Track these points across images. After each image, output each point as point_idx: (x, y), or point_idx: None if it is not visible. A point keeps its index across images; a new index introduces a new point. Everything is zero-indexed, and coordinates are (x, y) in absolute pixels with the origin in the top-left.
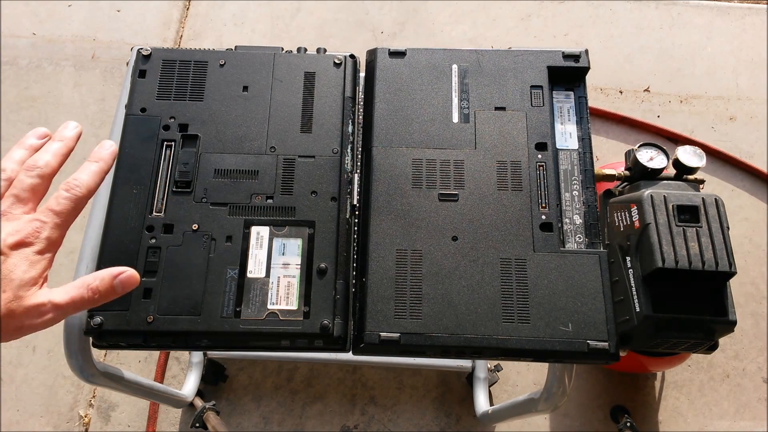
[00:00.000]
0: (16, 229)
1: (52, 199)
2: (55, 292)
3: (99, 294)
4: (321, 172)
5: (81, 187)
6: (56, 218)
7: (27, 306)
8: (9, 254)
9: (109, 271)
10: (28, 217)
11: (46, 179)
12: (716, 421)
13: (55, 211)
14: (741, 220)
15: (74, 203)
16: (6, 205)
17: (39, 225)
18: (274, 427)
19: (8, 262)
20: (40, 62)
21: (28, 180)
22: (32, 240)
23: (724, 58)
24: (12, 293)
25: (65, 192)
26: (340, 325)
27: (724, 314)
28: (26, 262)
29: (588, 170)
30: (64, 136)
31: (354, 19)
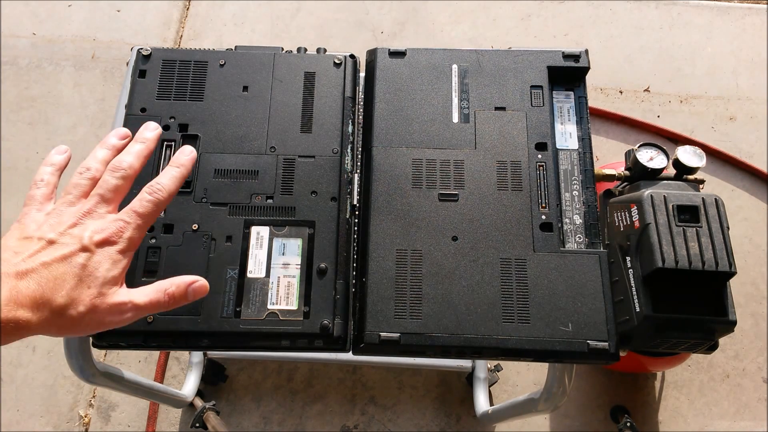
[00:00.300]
0: (102, 227)
1: (136, 200)
2: (135, 293)
3: (173, 300)
4: (321, 172)
5: (163, 191)
6: (139, 219)
7: (110, 303)
8: (95, 251)
9: (184, 278)
10: (112, 217)
11: (129, 180)
12: (716, 421)
13: (138, 212)
14: (741, 220)
15: (156, 206)
16: (91, 204)
17: (123, 225)
18: (274, 427)
19: (93, 259)
20: (40, 62)
21: (113, 181)
22: (116, 239)
23: (724, 58)
24: (96, 290)
25: (148, 195)
26: (340, 325)
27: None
28: (110, 260)
29: (588, 170)
30: (145, 137)
31: (354, 19)
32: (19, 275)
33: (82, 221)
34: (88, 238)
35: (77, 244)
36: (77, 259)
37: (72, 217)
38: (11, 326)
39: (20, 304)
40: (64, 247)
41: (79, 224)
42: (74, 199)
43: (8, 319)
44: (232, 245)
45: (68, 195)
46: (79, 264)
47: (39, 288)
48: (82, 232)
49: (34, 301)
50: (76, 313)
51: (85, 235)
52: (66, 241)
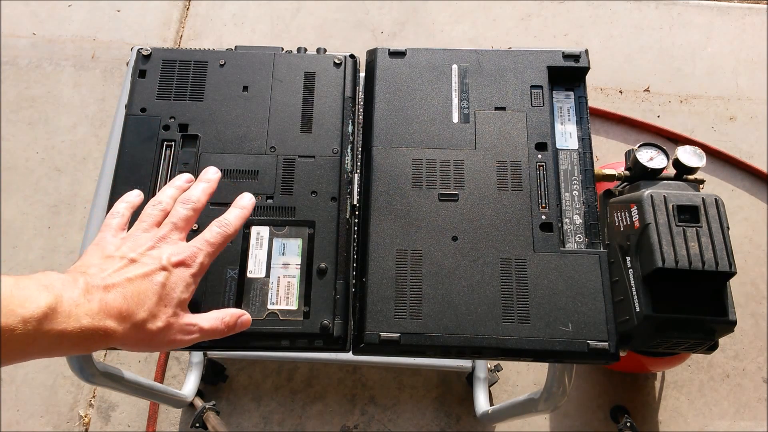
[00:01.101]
0: (178, 251)
1: (207, 231)
2: (200, 317)
3: (227, 328)
4: (321, 172)
5: (230, 227)
6: (209, 247)
7: (181, 324)
8: (172, 271)
9: (235, 311)
10: (185, 243)
11: (197, 213)
12: (716, 421)
13: (209, 241)
14: (741, 220)
15: (223, 238)
16: (165, 230)
17: (196, 250)
18: (274, 427)
19: (171, 279)
20: (40, 62)
21: (184, 211)
22: (190, 262)
23: (724, 58)
24: (172, 309)
25: (217, 228)
26: (340, 325)
27: (724, 314)
28: (183, 282)
29: (588, 170)
30: (209, 178)
31: (354, 19)
32: (106, 288)
33: (158, 245)
34: (166, 259)
35: (157, 263)
36: (157, 278)
37: (149, 241)
38: (100, 334)
39: (108, 314)
40: (145, 266)
41: (156, 247)
42: (148, 227)
43: (98, 328)
44: (232, 245)
45: (142, 223)
46: (159, 282)
47: (125, 301)
48: (161, 254)
49: (119, 313)
50: (155, 327)
51: (163, 257)
52: (146, 261)
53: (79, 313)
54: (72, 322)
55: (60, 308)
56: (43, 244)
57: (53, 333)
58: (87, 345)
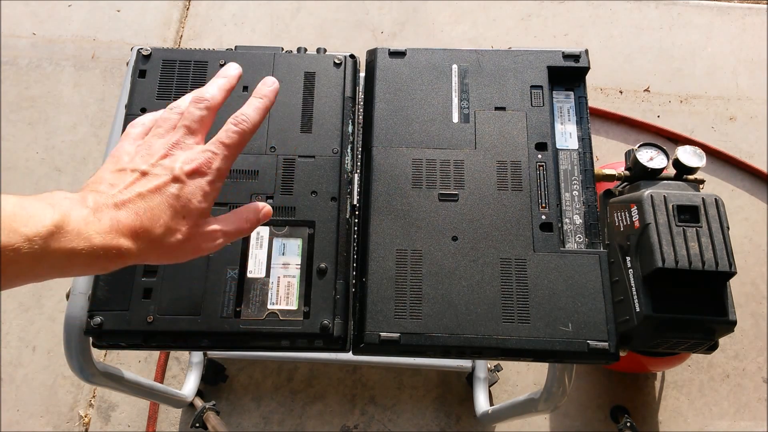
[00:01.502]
0: (191, 158)
1: (222, 132)
2: (221, 221)
3: (252, 225)
4: (321, 172)
5: (248, 122)
6: (225, 150)
7: (203, 231)
8: (186, 181)
9: (254, 205)
10: (200, 148)
11: (213, 111)
12: (716, 421)
13: (224, 143)
14: (741, 220)
15: (241, 137)
16: (179, 135)
17: (211, 155)
18: (274, 427)
19: (185, 190)
20: (40, 62)
21: (197, 112)
22: (205, 169)
23: (724, 58)
24: (192, 220)
25: (234, 126)
26: (340, 325)
27: (724, 314)
28: (201, 192)
29: (588, 170)
30: (227, 74)
31: (354, 19)
32: (117, 206)
33: (171, 152)
34: (179, 168)
35: (169, 174)
36: (170, 190)
37: (162, 149)
38: (114, 253)
39: (121, 233)
40: (157, 178)
41: (169, 155)
42: (164, 132)
43: (111, 247)
44: (232, 245)
45: (158, 128)
46: (172, 194)
47: (137, 218)
48: (173, 163)
49: (133, 231)
50: (175, 240)
51: (176, 166)
52: (158, 172)
53: (90, 232)
54: (81, 241)
55: (68, 226)
56: None
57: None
58: (102, 264)
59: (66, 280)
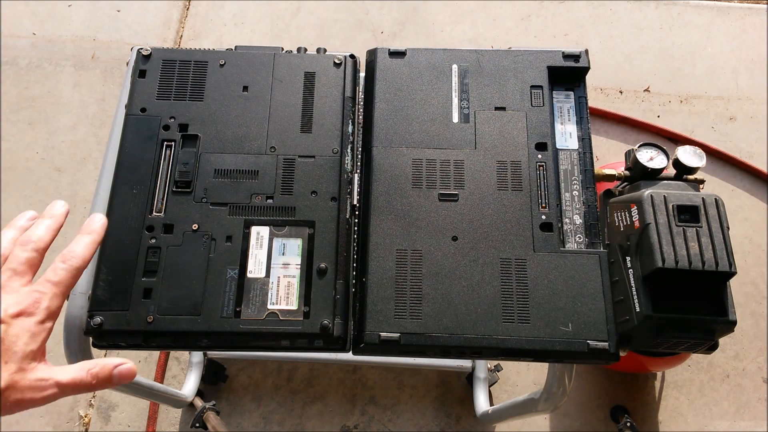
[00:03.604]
0: (17, 300)
1: (50, 270)
2: (58, 370)
3: (97, 380)
4: (321, 172)
5: (77, 258)
6: (55, 288)
7: (30, 379)
8: (11, 323)
9: (110, 360)
10: (27, 289)
11: (41, 252)
12: (716, 421)
13: (53, 281)
14: (741, 220)
15: (71, 273)
16: (4, 279)
17: (39, 296)
18: (274, 427)
19: (10, 332)
20: (40, 62)
21: (23, 254)
22: (33, 310)
23: (724, 58)
24: (15, 365)
25: (62, 263)
26: (340, 325)
27: (724, 314)
28: (28, 333)
29: (588, 170)
30: (53, 213)
31: (354, 19)
32: None
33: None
34: (3, 311)
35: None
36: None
37: None
38: None
39: None
40: None
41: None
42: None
43: None
44: (232, 245)
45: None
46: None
47: None
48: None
49: None
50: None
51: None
52: None
53: None
54: None
55: None
56: None
57: None
58: None
59: None
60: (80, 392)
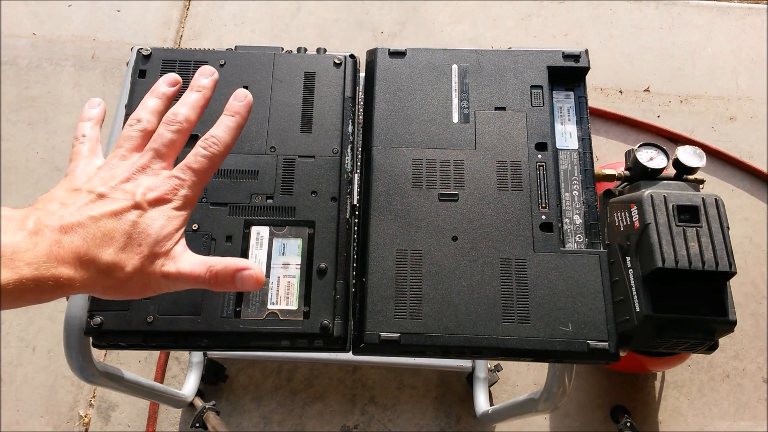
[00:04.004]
0: (156, 184)
1: (191, 156)
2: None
3: (216, 279)
4: (321, 172)
5: (219, 145)
6: (194, 176)
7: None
8: (147, 209)
9: (236, 261)
10: (167, 173)
11: (185, 134)
12: (716, 421)
13: (193, 168)
14: (741, 220)
15: (211, 161)
16: (146, 159)
17: (178, 182)
18: (274, 427)
19: (146, 216)
20: (40, 62)
21: (168, 135)
22: (171, 197)
23: (724, 58)
24: (148, 248)
25: (203, 150)
26: (340, 325)
27: (724, 314)
28: (164, 217)
29: (588, 170)
30: (201, 85)
31: (354, 19)
32: (63, 229)
33: (135, 176)
34: (141, 194)
35: (130, 200)
36: (129, 216)
37: (125, 172)
38: (49, 285)
39: (61, 260)
40: (115, 203)
41: (132, 179)
42: (126, 153)
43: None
44: (232, 245)
45: (119, 148)
46: (130, 221)
47: (84, 244)
48: (135, 188)
49: (77, 258)
50: (122, 274)
51: (138, 191)
52: (117, 196)
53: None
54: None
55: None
56: None
57: None
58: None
59: None
60: (200, 287)
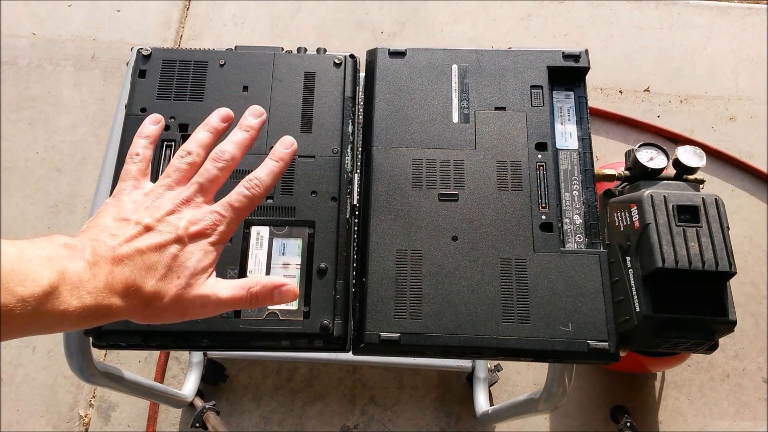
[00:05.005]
0: (198, 218)
1: (233, 194)
2: (220, 286)
3: (255, 299)
4: (321, 172)
5: (260, 187)
6: (233, 213)
7: (194, 295)
8: (188, 242)
9: (272, 279)
10: (208, 208)
11: (228, 172)
12: (716, 421)
13: (234, 206)
14: (741, 220)
15: (251, 201)
16: (190, 192)
17: (218, 218)
18: (274, 427)
19: (186, 250)
20: (40, 62)
21: (213, 171)
22: (210, 231)
23: (724, 58)
24: (185, 280)
25: (246, 189)
26: (340, 325)
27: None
28: (201, 251)
29: (588, 170)
30: (250, 126)
31: (354, 19)
32: (115, 260)
33: (179, 209)
34: (183, 228)
35: (173, 233)
36: (171, 249)
37: (170, 203)
38: (103, 312)
39: (114, 291)
40: (160, 236)
41: (176, 211)
42: (173, 183)
43: (102, 306)
44: (232, 245)
45: (167, 178)
46: (171, 254)
47: (132, 276)
48: (179, 221)
49: (126, 289)
50: (161, 304)
51: (181, 225)
52: (162, 229)
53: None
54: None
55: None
56: None
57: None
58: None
59: None
60: (240, 308)
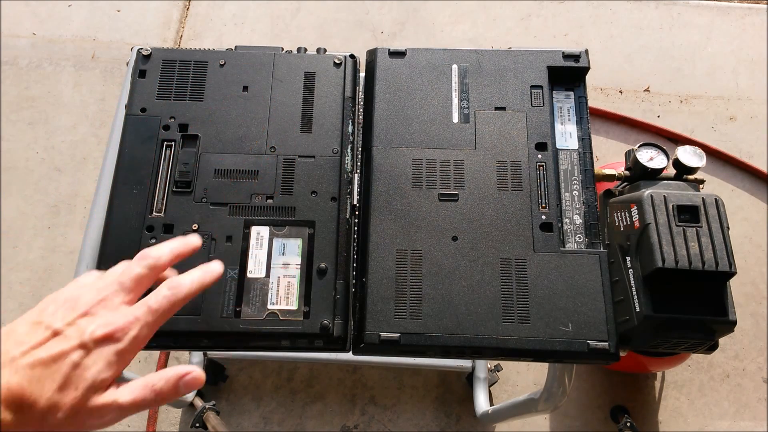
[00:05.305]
0: (109, 321)
1: (152, 294)
2: (120, 392)
3: (162, 396)
4: (321, 172)
5: (181, 291)
6: (150, 316)
7: (92, 406)
8: (92, 349)
9: (176, 370)
10: (124, 310)
11: (155, 271)
12: (716, 421)
13: (151, 308)
14: (741, 220)
15: (171, 305)
16: (109, 292)
17: (132, 320)
18: (274, 427)
19: (89, 358)
20: (40, 62)
21: (136, 269)
22: (120, 336)
23: (724, 58)
24: (81, 392)
25: (167, 291)
26: (340, 325)
27: (724, 314)
28: (104, 361)
29: (588, 170)
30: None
31: (354, 19)
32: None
33: (93, 310)
34: (89, 333)
35: (77, 339)
36: (72, 357)
37: (85, 305)
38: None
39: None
40: (64, 342)
41: (89, 314)
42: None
43: None
44: (232, 245)
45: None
46: (71, 362)
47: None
48: (88, 324)
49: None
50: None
51: (88, 330)
52: (69, 334)
53: None
54: None
55: None
56: (43, 244)
57: None
58: None
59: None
60: (144, 409)
